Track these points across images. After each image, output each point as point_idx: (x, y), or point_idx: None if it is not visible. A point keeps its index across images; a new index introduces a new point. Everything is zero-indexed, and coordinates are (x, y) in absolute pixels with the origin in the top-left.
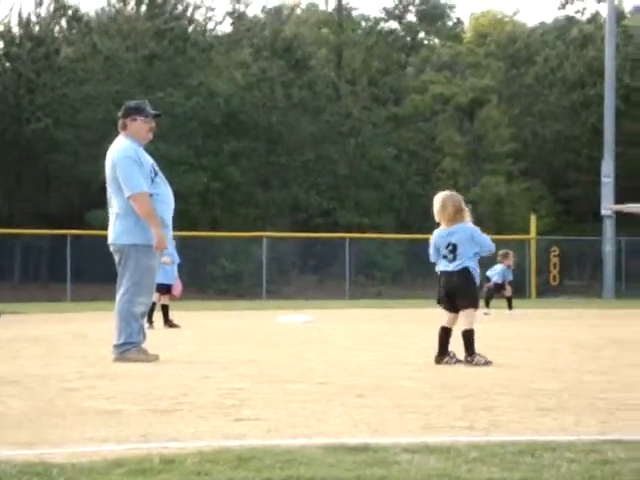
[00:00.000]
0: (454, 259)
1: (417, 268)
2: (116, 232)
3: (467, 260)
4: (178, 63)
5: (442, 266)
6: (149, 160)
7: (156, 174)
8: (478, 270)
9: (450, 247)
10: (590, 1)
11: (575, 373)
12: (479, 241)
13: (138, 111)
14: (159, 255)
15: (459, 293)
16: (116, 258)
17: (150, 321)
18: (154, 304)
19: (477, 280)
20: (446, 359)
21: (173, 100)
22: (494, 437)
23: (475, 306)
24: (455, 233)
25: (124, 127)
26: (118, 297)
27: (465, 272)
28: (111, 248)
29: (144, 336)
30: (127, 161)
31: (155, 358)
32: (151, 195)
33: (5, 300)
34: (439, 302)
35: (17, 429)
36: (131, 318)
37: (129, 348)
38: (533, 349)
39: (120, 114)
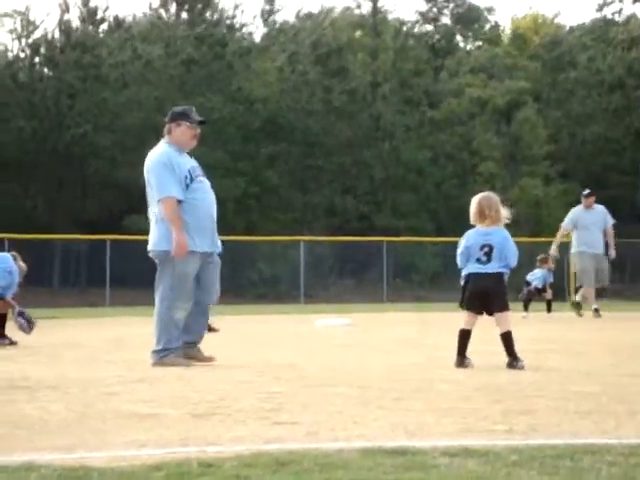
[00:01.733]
0: (488, 261)
1: (455, 271)
2: (154, 238)
3: (501, 263)
4: (216, 68)
5: (474, 268)
6: (187, 165)
7: (192, 180)
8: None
9: (486, 248)
10: (627, 2)
11: (614, 376)
12: (508, 249)
13: (184, 116)
14: (200, 259)
15: (493, 296)
16: (157, 264)
17: None
18: None
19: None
20: (467, 361)
21: (211, 105)
22: (533, 441)
23: (508, 308)
24: (491, 234)
25: (169, 132)
26: (157, 303)
27: (499, 275)
28: (150, 254)
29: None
30: (158, 166)
31: (191, 364)
32: (180, 201)
33: (44, 305)
34: (462, 305)
35: (57, 433)
36: (170, 324)
37: (167, 354)
38: (572, 352)
39: (166, 119)
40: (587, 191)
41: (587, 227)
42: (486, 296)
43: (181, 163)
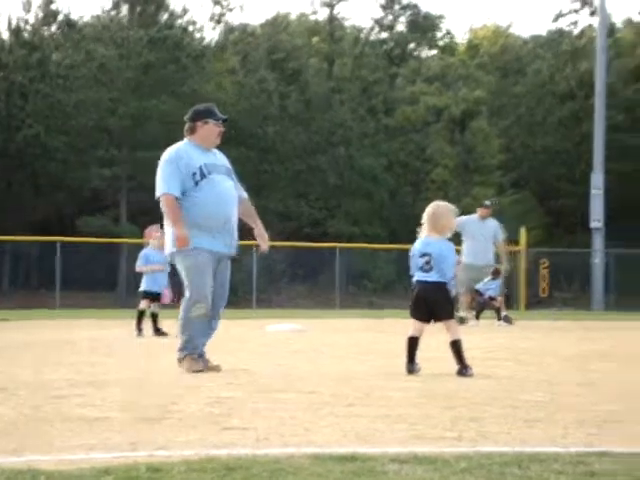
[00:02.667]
0: (430, 270)
1: (408, 278)
2: (166, 242)
3: (439, 273)
4: (171, 71)
5: (418, 276)
6: (201, 162)
7: (204, 176)
8: (454, 282)
9: (426, 257)
10: (583, 14)
11: (563, 385)
12: (443, 262)
13: (210, 114)
14: (212, 258)
15: (436, 304)
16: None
17: (139, 329)
18: (143, 312)
19: (453, 291)
20: (416, 367)
21: (166, 108)
22: (482, 448)
23: (453, 316)
24: (431, 245)
25: (193, 131)
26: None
27: (441, 284)
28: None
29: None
30: (162, 163)
31: (197, 371)
32: (178, 198)
33: None
34: (412, 312)
35: (5, 436)
36: (187, 323)
37: (185, 355)
38: (521, 360)
39: (188, 117)
40: (488, 202)
41: (477, 238)
42: (429, 304)
43: (193, 159)
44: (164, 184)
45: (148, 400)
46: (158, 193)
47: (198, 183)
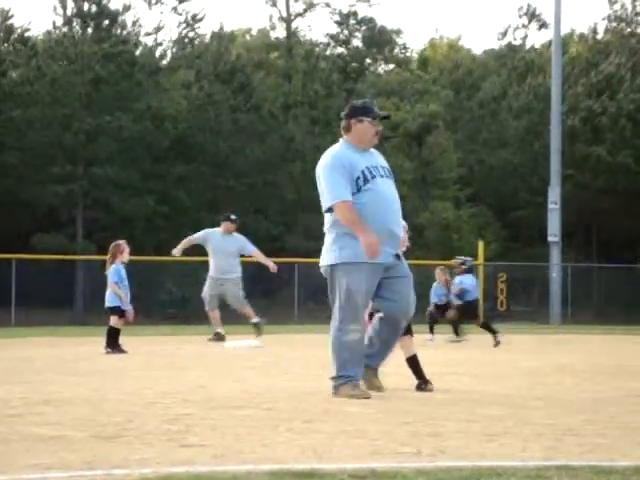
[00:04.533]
0: None
1: None
2: (322, 253)
3: None
4: (125, 86)
5: None
6: (363, 165)
7: (366, 181)
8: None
9: None
10: (532, 29)
11: (521, 399)
12: None
13: (365, 111)
14: (373, 273)
15: None
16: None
17: (116, 346)
18: (117, 329)
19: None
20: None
21: (121, 124)
22: (440, 463)
23: (410, 333)
24: None
25: (348, 129)
26: (331, 324)
27: None
28: (321, 270)
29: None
30: (326, 170)
31: (369, 395)
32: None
33: None
34: None
35: None
36: (341, 348)
37: (342, 382)
38: (480, 375)
39: (344, 114)
40: (234, 216)
41: (221, 252)
42: None
43: (356, 163)
44: (334, 192)
45: (104, 418)
46: (329, 203)
47: (361, 189)
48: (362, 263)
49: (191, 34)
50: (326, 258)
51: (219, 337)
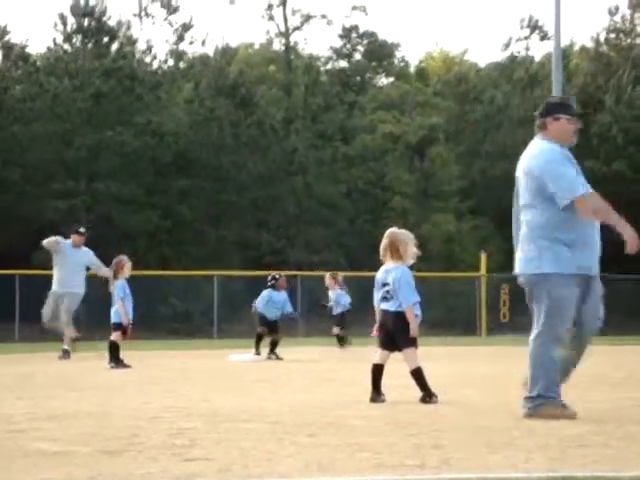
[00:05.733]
0: (391, 299)
1: (367, 306)
2: (522, 260)
3: (402, 300)
4: (126, 101)
5: (380, 305)
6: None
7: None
8: (419, 312)
9: (386, 286)
10: (534, 40)
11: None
12: (400, 289)
13: (563, 109)
14: (579, 284)
15: (395, 333)
16: (526, 291)
17: (120, 360)
18: (117, 345)
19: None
20: (382, 397)
21: (122, 139)
22: (445, 475)
23: (414, 345)
24: (390, 272)
25: (543, 127)
26: (531, 338)
27: (398, 313)
28: (519, 280)
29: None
30: (554, 165)
31: (575, 415)
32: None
33: None
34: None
35: None
36: (549, 365)
37: (543, 402)
38: (483, 386)
39: (539, 112)
40: (83, 229)
41: (67, 265)
42: (389, 333)
43: (573, 161)
44: (573, 184)
45: (109, 432)
46: (570, 197)
47: None
48: (573, 275)
49: (187, 47)
50: (531, 266)
51: (66, 354)
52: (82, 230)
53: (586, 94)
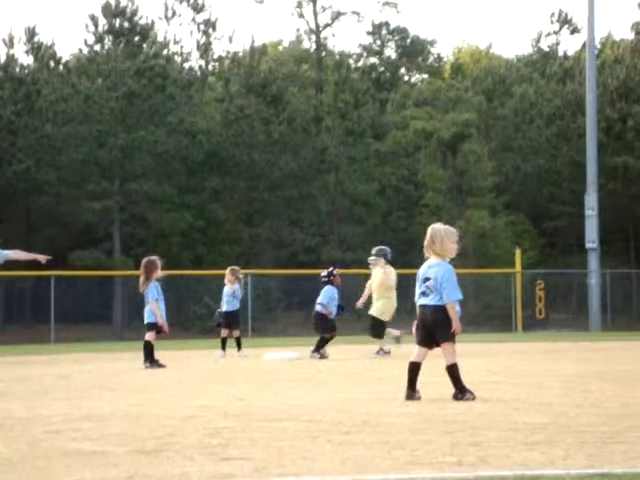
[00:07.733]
0: (430, 293)
1: (402, 302)
2: None
3: (439, 297)
4: (158, 101)
5: (419, 300)
6: None
7: None
8: (458, 309)
9: (428, 282)
10: (564, 34)
11: (562, 407)
12: (443, 285)
13: None
14: None
15: (434, 328)
16: None
17: (155, 360)
18: (151, 344)
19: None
20: (417, 395)
21: (155, 138)
22: (482, 472)
23: (453, 340)
24: (432, 267)
25: None
26: None
27: (438, 308)
28: None
29: None
30: None
31: None
32: None
33: None
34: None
35: (1, 473)
36: None
37: None
38: (520, 383)
39: None
40: None
41: None
42: (428, 328)
43: None
44: None
45: (145, 432)
46: None
47: None
48: None
49: (216, 46)
50: None
51: None
52: None
53: (627, 88)
